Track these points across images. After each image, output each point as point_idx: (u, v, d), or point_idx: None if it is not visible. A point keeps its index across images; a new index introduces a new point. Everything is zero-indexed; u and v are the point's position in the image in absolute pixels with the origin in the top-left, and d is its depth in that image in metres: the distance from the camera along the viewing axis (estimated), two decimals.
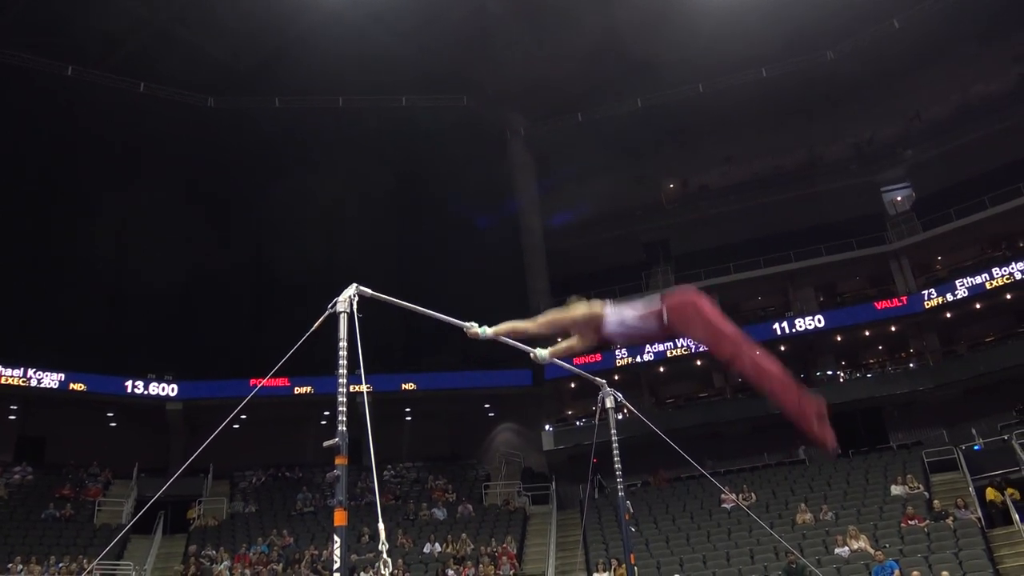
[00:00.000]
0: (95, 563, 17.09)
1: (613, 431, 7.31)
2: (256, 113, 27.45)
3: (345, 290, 4.44)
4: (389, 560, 4.10)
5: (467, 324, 5.02)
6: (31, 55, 24.11)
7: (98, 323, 26.82)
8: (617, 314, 4.82)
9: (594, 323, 4.87)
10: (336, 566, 3.91)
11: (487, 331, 4.97)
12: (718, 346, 4.53)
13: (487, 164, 29.93)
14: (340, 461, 4.00)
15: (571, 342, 5.17)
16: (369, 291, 4.51)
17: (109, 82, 25.29)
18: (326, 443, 4.05)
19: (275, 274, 29.28)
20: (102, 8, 23.95)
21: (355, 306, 4.40)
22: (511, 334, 5.04)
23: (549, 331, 5.00)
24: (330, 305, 4.41)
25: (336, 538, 3.94)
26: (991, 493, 18.08)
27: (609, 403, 7.34)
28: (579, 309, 4.93)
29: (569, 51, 26.72)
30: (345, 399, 4.22)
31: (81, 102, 25.06)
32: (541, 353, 5.38)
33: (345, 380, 4.28)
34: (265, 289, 29.73)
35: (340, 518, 3.95)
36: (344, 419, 4.14)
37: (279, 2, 24.78)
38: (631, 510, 19.97)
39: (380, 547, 4.06)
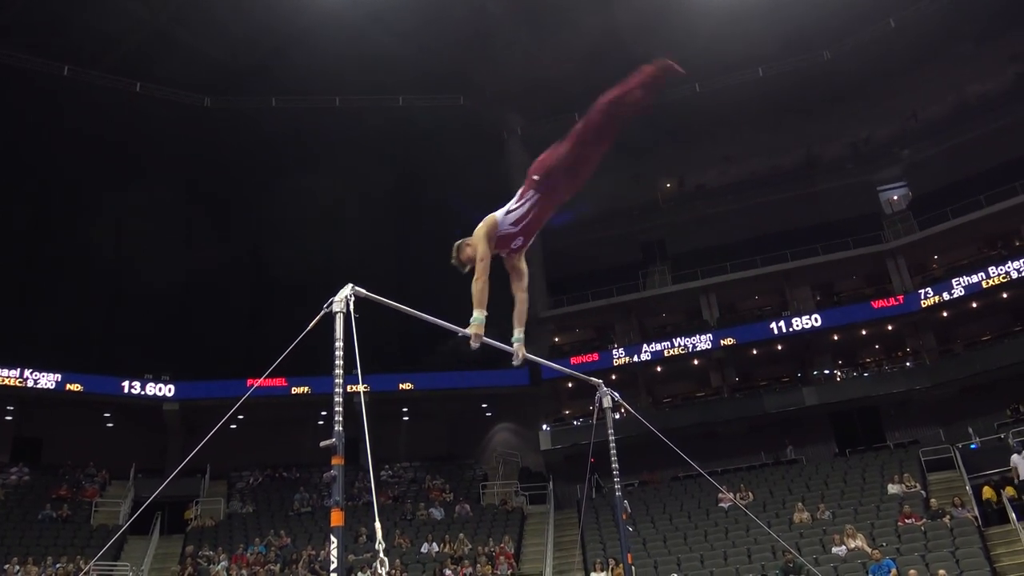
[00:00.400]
0: (92, 564, 17.06)
1: (610, 431, 7.29)
2: (253, 113, 27.43)
3: (341, 290, 4.42)
4: (386, 560, 4.07)
5: (465, 331, 5.07)
6: (28, 55, 24.07)
7: (95, 323, 26.79)
8: (503, 211, 5.07)
9: (494, 232, 5.04)
10: (333, 566, 3.90)
11: (478, 321, 5.03)
12: (587, 142, 4.91)
13: (485, 164, 29.90)
14: (337, 461, 3.98)
15: (514, 293, 5.34)
16: (364, 292, 4.50)
17: (106, 82, 25.26)
18: (323, 443, 4.04)
19: (272, 274, 29.24)
20: (99, 8, 23.93)
21: (351, 306, 4.38)
22: (482, 302, 5.09)
23: (486, 267, 5.08)
24: (326, 305, 4.40)
25: (333, 538, 3.93)
26: (987, 492, 18.12)
27: (606, 403, 7.32)
28: (479, 232, 5.07)
29: (567, 51, 26.71)
30: (342, 399, 4.20)
31: (78, 102, 25.04)
32: (517, 357, 5.32)
33: (342, 380, 4.26)
34: (262, 289, 29.69)
35: (337, 518, 3.94)
36: (341, 419, 4.13)
37: (277, 2, 24.75)
38: (628, 510, 19.99)
39: (377, 547, 4.04)
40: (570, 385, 27.71)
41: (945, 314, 25.30)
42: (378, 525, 4.08)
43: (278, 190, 28.37)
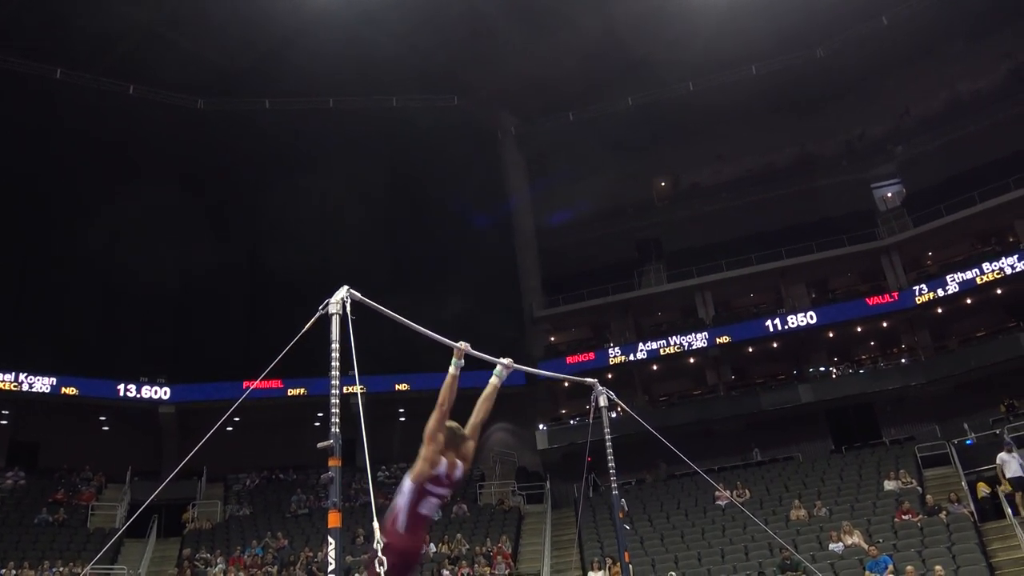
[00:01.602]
0: (89, 567, 17.09)
1: (607, 430, 7.30)
2: (247, 115, 27.39)
3: (337, 292, 4.42)
4: (384, 559, 4.05)
5: (457, 344, 5.25)
6: (21, 59, 24.00)
7: (90, 326, 26.72)
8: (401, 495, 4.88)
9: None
10: (331, 568, 3.90)
11: (452, 369, 5.40)
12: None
13: (480, 164, 29.94)
14: (333, 463, 3.99)
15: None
16: (359, 295, 4.50)
17: (99, 85, 25.24)
18: (319, 445, 4.03)
19: (268, 275, 29.17)
20: (92, 11, 23.84)
21: (347, 307, 4.37)
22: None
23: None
24: (321, 307, 4.40)
25: (331, 540, 3.93)
26: (982, 487, 18.15)
27: (602, 402, 7.34)
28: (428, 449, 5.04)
29: (561, 51, 26.76)
30: (338, 400, 4.20)
31: (72, 105, 24.99)
32: (500, 370, 5.59)
33: (338, 381, 4.26)
34: (258, 291, 29.65)
35: (334, 520, 3.95)
36: (337, 420, 4.13)
37: (271, 4, 24.71)
38: (625, 508, 19.92)
39: (375, 545, 4.05)
40: (566, 385, 27.69)
41: (940, 310, 25.36)
42: (376, 526, 4.08)
43: (273, 191, 28.33)
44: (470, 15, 25.94)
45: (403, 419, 28.74)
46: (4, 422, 25.20)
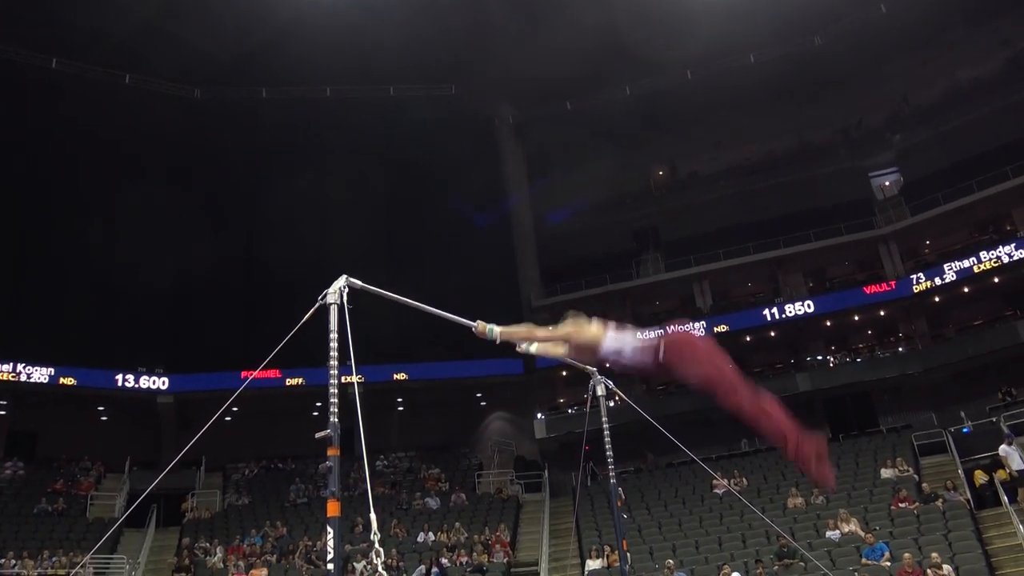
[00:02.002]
0: (88, 557, 17.13)
1: (604, 419, 7.32)
2: (244, 105, 27.33)
3: (335, 281, 4.42)
4: (381, 550, 4.11)
5: (475, 324, 4.98)
6: (15, 47, 23.87)
7: (88, 316, 26.66)
8: (617, 341, 4.79)
9: (594, 345, 4.86)
10: (330, 556, 3.92)
11: (495, 331, 4.93)
12: (715, 387, 4.53)
13: (477, 153, 29.89)
14: (332, 452, 3.99)
15: (557, 348, 5.21)
16: (359, 283, 4.50)
17: (95, 74, 25.13)
18: (318, 435, 4.03)
19: (266, 265, 29.18)
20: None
21: (345, 297, 4.38)
22: (518, 338, 5.07)
23: (553, 341, 5.07)
24: (320, 297, 4.40)
25: (329, 529, 3.94)
26: (979, 475, 18.23)
27: (600, 391, 7.36)
28: (589, 331, 4.90)
29: (559, 40, 26.66)
30: (336, 390, 4.20)
31: (68, 95, 24.89)
32: (491, 331, 5.08)
33: (336, 371, 4.26)
34: (256, 281, 29.63)
35: (333, 509, 3.96)
36: (335, 410, 4.12)
37: None
38: (623, 497, 20.07)
39: (372, 537, 4.08)
40: (564, 373, 27.74)
41: (937, 299, 25.38)
42: (373, 515, 4.12)
43: (271, 182, 28.30)
44: (468, 4, 25.85)
45: (401, 409, 28.83)
46: (2, 412, 25.21)
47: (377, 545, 4.11)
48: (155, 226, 28.00)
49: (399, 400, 28.51)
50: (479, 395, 28.89)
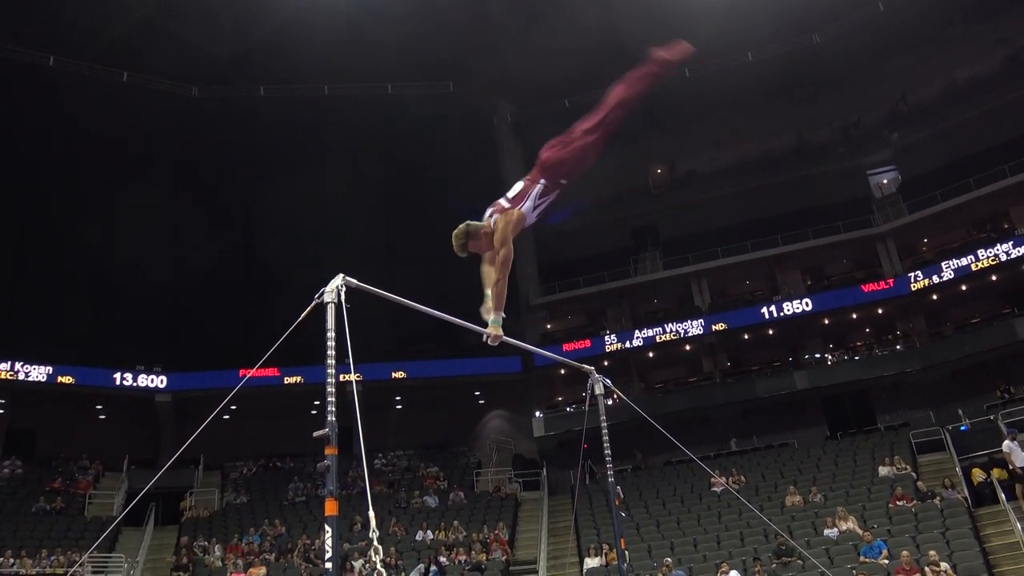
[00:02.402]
0: (87, 556, 17.18)
1: (603, 417, 7.31)
2: (242, 103, 27.34)
3: (333, 280, 4.40)
4: (380, 548, 4.10)
5: (486, 331, 5.15)
6: (12, 45, 23.86)
7: (86, 315, 26.69)
8: (520, 205, 5.25)
9: (520, 223, 5.20)
10: (328, 555, 3.91)
11: (499, 324, 5.08)
12: (590, 138, 5.10)
13: (476, 151, 29.87)
14: (330, 451, 3.97)
15: (490, 278, 5.40)
16: (355, 281, 4.48)
17: (92, 72, 25.12)
18: (316, 433, 4.00)
19: (264, 264, 29.19)
20: None
21: (343, 295, 4.36)
22: (499, 296, 5.21)
23: (509, 264, 5.22)
24: (317, 295, 4.38)
25: (328, 527, 3.93)
26: (976, 473, 18.26)
27: (598, 390, 7.36)
28: (508, 227, 5.17)
29: (557, 38, 26.65)
30: (334, 389, 4.18)
31: (65, 93, 24.89)
32: (492, 332, 5.26)
33: (334, 370, 4.24)
34: (254, 279, 29.62)
35: (331, 508, 3.94)
36: (333, 409, 4.11)
37: None
38: (621, 495, 20.10)
39: (371, 535, 4.06)
40: (562, 372, 27.78)
41: (935, 297, 25.43)
42: (371, 514, 4.10)
43: (269, 180, 28.31)
44: (467, 2, 25.85)
45: (400, 407, 28.85)
46: (1, 411, 25.24)
47: (376, 543, 4.10)
48: (153, 225, 28.04)
49: (397, 398, 28.54)
50: (477, 393, 28.94)
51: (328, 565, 3.90)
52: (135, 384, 25.63)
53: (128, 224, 27.51)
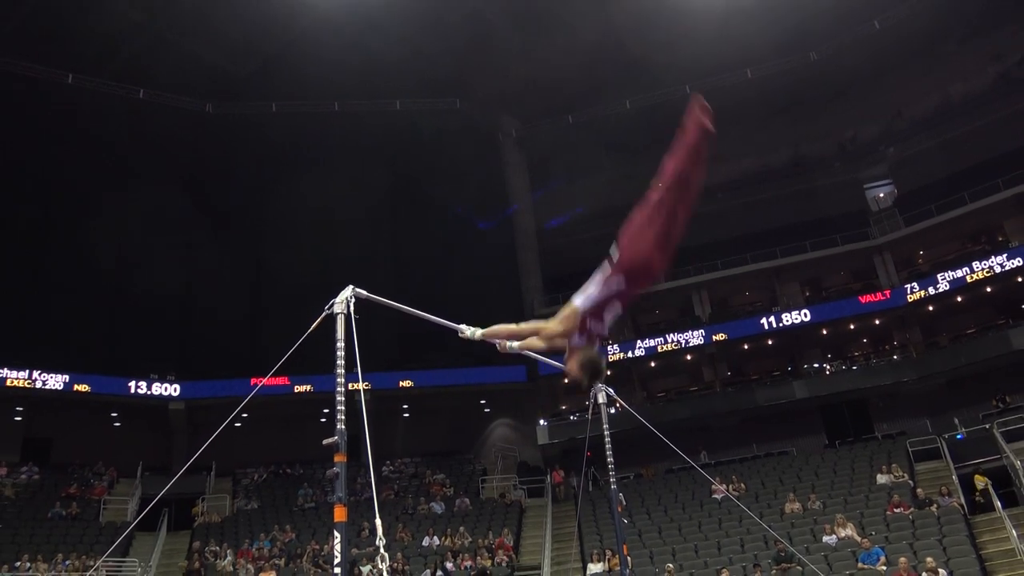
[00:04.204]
0: (101, 560, 17.47)
1: (605, 425, 7.51)
2: (254, 118, 27.79)
3: (342, 292, 4.59)
4: (387, 554, 4.25)
5: (460, 327, 5.09)
6: (32, 63, 24.42)
7: (102, 325, 27.10)
8: (584, 296, 4.43)
9: (573, 319, 4.45)
10: (337, 561, 4.04)
11: (476, 332, 4.92)
12: (670, 232, 4.16)
13: (481, 166, 30.33)
14: (339, 459, 4.11)
15: (539, 343, 4.68)
16: (364, 293, 4.66)
17: (109, 89, 25.63)
18: (325, 441, 4.14)
19: (274, 275, 29.62)
20: (99, 15, 24.25)
21: (352, 307, 4.54)
22: (500, 337, 4.83)
23: (532, 335, 4.70)
24: (327, 306, 4.55)
25: (336, 533, 4.06)
26: (980, 479, 18.51)
27: (601, 398, 7.58)
28: (565, 316, 4.53)
29: (560, 55, 27.16)
30: (343, 398, 4.34)
31: (83, 109, 25.38)
32: (474, 333, 5.03)
33: (343, 380, 4.43)
34: (264, 289, 30.04)
35: (340, 514, 4.06)
36: (342, 418, 4.25)
37: (273, 9, 25.14)
38: (624, 502, 20.34)
39: (378, 541, 4.18)
40: (566, 381, 27.89)
41: (931, 308, 25.70)
42: (378, 521, 4.27)
43: (279, 193, 28.74)
44: (471, 20, 26.32)
45: (407, 415, 29.17)
46: (18, 419, 25.56)
47: (383, 549, 4.16)
48: (167, 236, 28.44)
49: (405, 407, 28.83)
50: (483, 402, 29.22)
51: (337, 570, 4.05)
52: (149, 392, 25.97)
53: (142, 236, 27.99)
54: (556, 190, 31.85)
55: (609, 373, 25.53)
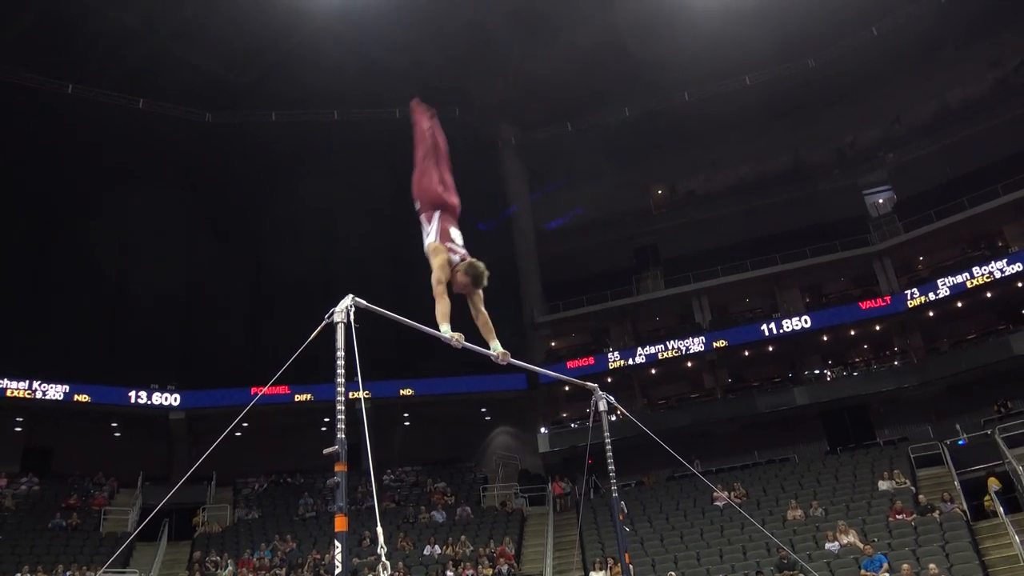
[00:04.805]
0: (102, 571, 17.42)
1: (606, 433, 7.46)
2: (254, 127, 27.85)
3: (342, 301, 4.58)
4: (388, 563, 4.16)
5: (495, 353, 5.50)
6: (33, 73, 24.48)
7: (102, 335, 27.14)
8: (433, 235, 6.38)
9: (442, 251, 6.10)
10: (338, 570, 4.00)
11: (448, 334, 5.27)
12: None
13: (481, 173, 30.33)
14: (340, 468, 4.08)
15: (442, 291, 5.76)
16: (364, 302, 4.65)
17: (109, 99, 25.68)
18: (326, 451, 4.11)
19: (274, 283, 29.65)
20: (99, 25, 24.32)
21: (352, 316, 4.52)
22: (445, 315, 5.43)
23: (445, 284, 5.81)
24: (327, 316, 4.54)
25: (337, 543, 4.03)
26: (993, 482, 18.39)
27: (602, 406, 7.49)
28: (437, 259, 6.03)
29: (560, 62, 27.23)
30: (344, 407, 4.30)
31: (83, 119, 25.43)
32: (496, 351, 5.63)
33: (343, 389, 4.39)
34: (264, 299, 30.08)
35: (341, 523, 4.03)
36: (343, 427, 4.22)
37: (273, 18, 25.20)
38: (625, 510, 20.26)
39: (379, 550, 4.15)
40: (567, 389, 28.04)
41: (931, 314, 25.73)
42: (380, 529, 4.22)
43: (279, 201, 28.79)
44: (470, 28, 26.37)
45: (407, 424, 29.16)
46: (18, 429, 25.57)
47: (384, 559, 4.11)
48: (167, 245, 28.51)
49: (405, 415, 28.83)
50: (484, 410, 29.21)
51: None
52: (149, 402, 25.97)
53: (143, 245, 28.03)
54: (556, 197, 31.96)
55: (610, 380, 25.79)
